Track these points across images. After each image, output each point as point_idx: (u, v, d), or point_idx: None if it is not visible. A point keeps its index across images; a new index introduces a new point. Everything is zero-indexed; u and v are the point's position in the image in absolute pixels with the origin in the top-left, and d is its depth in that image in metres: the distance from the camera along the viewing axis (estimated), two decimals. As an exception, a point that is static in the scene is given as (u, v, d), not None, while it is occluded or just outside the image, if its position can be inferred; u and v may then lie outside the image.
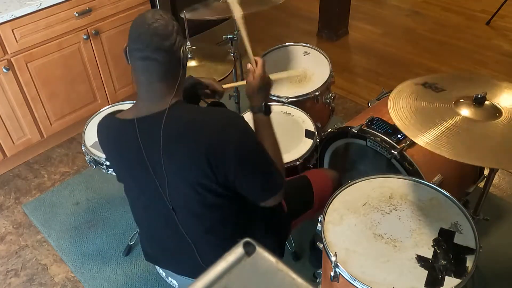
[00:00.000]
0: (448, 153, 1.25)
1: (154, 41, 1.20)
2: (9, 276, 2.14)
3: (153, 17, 1.22)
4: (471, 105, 1.41)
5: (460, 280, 1.22)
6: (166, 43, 1.21)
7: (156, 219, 1.37)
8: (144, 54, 1.21)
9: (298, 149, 1.89)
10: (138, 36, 1.21)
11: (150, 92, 1.25)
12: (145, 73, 1.24)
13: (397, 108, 1.44)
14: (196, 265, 1.37)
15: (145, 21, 1.21)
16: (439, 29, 3.85)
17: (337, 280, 1.29)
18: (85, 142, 1.97)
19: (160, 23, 1.21)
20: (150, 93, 1.25)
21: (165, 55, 1.22)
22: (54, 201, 2.48)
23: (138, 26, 1.22)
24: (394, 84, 1.60)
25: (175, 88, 1.26)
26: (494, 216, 2.19)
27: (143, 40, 1.20)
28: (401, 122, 1.39)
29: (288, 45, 2.44)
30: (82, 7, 2.53)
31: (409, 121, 1.38)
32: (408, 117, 1.40)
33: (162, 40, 1.20)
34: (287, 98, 2.12)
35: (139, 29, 1.21)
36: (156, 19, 1.21)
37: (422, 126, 1.35)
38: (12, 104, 2.47)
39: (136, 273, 2.10)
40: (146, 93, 1.26)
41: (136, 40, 1.21)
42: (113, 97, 2.90)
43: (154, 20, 1.21)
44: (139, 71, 1.24)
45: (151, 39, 1.20)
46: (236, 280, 0.50)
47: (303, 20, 4.08)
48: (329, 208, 1.46)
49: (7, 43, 2.34)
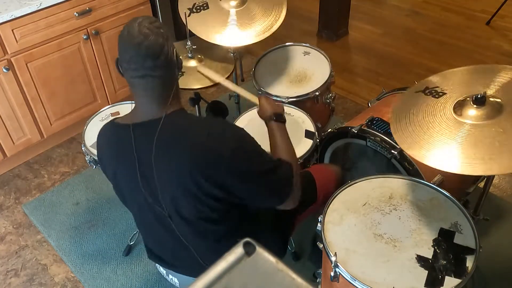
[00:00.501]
0: (456, 169, 1.25)
1: (148, 61, 1.15)
2: (9, 276, 2.14)
3: (140, 32, 1.14)
4: (472, 107, 1.38)
5: (460, 280, 1.22)
6: (160, 60, 1.17)
7: (154, 224, 1.36)
8: (141, 73, 1.18)
9: (298, 149, 1.88)
10: (130, 58, 1.16)
11: (148, 102, 1.24)
12: (143, 89, 1.22)
13: (400, 132, 1.42)
14: (197, 265, 1.37)
15: (133, 39, 1.14)
16: (439, 29, 3.85)
17: (337, 280, 1.29)
18: (85, 142, 1.97)
19: (150, 40, 1.14)
20: (148, 101, 1.24)
21: (162, 70, 1.19)
22: (54, 201, 2.48)
23: (127, 46, 1.16)
24: (394, 84, 1.60)
25: (171, 95, 1.24)
26: (494, 216, 2.19)
27: (136, 61, 1.16)
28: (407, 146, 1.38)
29: (288, 45, 2.44)
30: (82, 7, 2.53)
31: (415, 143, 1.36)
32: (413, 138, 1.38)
33: (156, 59, 1.16)
34: (287, 98, 2.12)
35: (129, 50, 1.15)
36: (145, 35, 1.14)
37: (428, 146, 1.33)
38: (12, 104, 2.47)
39: (136, 273, 2.10)
40: (144, 103, 1.25)
41: (129, 61, 1.17)
42: (113, 97, 2.90)
43: (143, 37, 1.14)
44: (137, 86, 1.22)
45: (144, 60, 1.15)
46: (236, 280, 0.50)
47: (303, 20, 4.08)
48: (329, 208, 1.46)
49: (7, 43, 2.34)
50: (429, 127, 1.38)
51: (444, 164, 1.27)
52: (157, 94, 1.22)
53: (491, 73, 1.55)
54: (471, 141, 1.30)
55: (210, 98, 3.02)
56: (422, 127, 1.39)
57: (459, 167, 1.25)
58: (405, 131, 1.41)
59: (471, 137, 1.31)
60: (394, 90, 2.15)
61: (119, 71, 1.25)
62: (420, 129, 1.39)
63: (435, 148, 1.31)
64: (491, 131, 1.31)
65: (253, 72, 2.30)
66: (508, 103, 1.38)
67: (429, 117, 1.42)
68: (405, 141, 1.38)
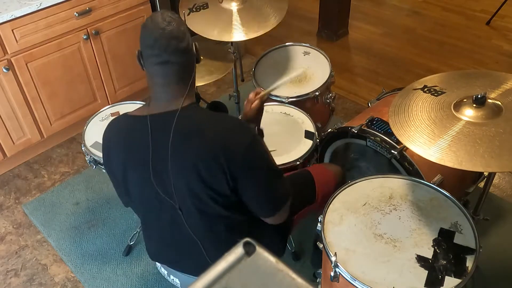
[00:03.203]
0: (453, 163, 1.25)
1: (172, 44, 1.20)
2: (9, 276, 2.14)
3: (164, 20, 1.21)
4: (471, 106, 1.39)
5: (460, 280, 1.22)
6: (183, 44, 1.22)
7: (162, 217, 1.37)
8: (164, 59, 1.21)
9: (297, 150, 1.89)
10: (155, 42, 1.20)
11: (166, 92, 1.26)
12: (164, 77, 1.24)
13: (398, 125, 1.43)
14: (202, 263, 1.38)
15: (158, 25, 1.20)
16: (439, 29, 3.85)
17: (337, 280, 1.29)
18: (85, 142, 1.97)
19: (173, 25, 1.21)
20: (166, 93, 1.26)
21: (183, 56, 1.23)
22: (54, 201, 2.48)
23: (151, 31, 1.21)
24: (394, 84, 1.61)
25: (188, 87, 1.27)
26: (494, 216, 2.19)
27: (161, 45, 1.19)
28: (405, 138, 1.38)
29: (288, 45, 2.44)
30: (82, 7, 2.53)
31: (413, 137, 1.37)
32: (412, 133, 1.39)
33: (179, 42, 1.21)
34: (287, 98, 2.12)
35: (154, 34, 1.20)
36: (169, 22, 1.21)
37: (427, 140, 1.34)
38: (12, 104, 2.47)
39: (136, 273, 2.10)
40: (162, 93, 1.27)
41: (153, 45, 1.20)
42: (113, 97, 2.90)
43: (166, 22, 1.20)
44: (158, 75, 1.25)
45: (168, 43, 1.19)
46: (236, 280, 0.50)
47: (303, 20, 4.08)
48: (329, 208, 1.46)
49: (7, 43, 2.34)
50: (430, 123, 1.39)
51: (444, 158, 1.27)
52: (175, 82, 1.25)
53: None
54: (471, 138, 1.31)
55: (210, 98, 3.02)
56: (422, 122, 1.40)
57: (459, 162, 1.25)
58: (404, 125, 1.42)
59: (471, 134, 1.32)
60: (394, 90, 2.15)
61: (140, 63, 1.28)
62: (420, 123, 1.40)
63: (434, 143, 1.32)
64: (491, 130, 1.32)
65: (253, 72, 2.30)
66: (507, 106, 1.39)
67: (428, 113, 1.43)
68: (404, 134, 1.39)
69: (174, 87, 1.26)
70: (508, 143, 1.27)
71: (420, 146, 1.33)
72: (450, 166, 1.25)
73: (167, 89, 1.26)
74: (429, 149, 1.31)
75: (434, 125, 1.38)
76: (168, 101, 1.26)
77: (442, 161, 1.27)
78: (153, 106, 1.29)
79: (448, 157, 1.27)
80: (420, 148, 1.32)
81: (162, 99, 1.27)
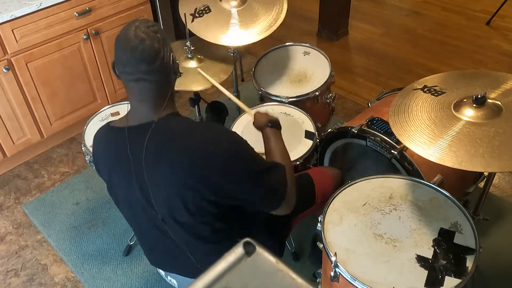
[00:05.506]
0: (453, 163, 1.25)
1: (142, 66, 1.16)
2: (9, 276, 2.14)
3: (136, 37, 1.14)
4: (471, 106, 1.39)
5: (460, 280, 1.22)
6: (156, 64, 1.17)
7: (149, 229, 1.36)
8: (137, 77, 1.18)
9: (297, 150, 1.89)
10: (127, 61, 1.16)
11: (142, 103, 1.23)
12: (139, 93, 1.22)
13: (398, 125, 1.43)
14: (193, 268, 1.37)
15: (129, 43, 1.14)
16: (439, 29, 3.85)
17: (337, 280, 1.29)
18: (85, 142, 1.97)
19: (146, 45, 1.14)
20: (142, 104, 1.23)
21: (157, 75, 1.19)
22: (54, 201, 2.48)
23: (123, 49, 1.16)
24: (394, 84, 1.61)
25: (166, 100, 1.24)
26: (494, 216, 2.19)
27: (132, 66, 1.16)
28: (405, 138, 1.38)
29: (288, 45, 2.44)
30: (82, 7, 2.53)
31: (413, 137, 1.37)
32: (412, 133, 1.39)
33: (151, 64, 1.16)
34: (287, 98, 2.12)
35: (125, 53, 1.16)
36: (141, 40, 1.14)
37: (427, 140, 1.34)
38: (12, 104, 2.47)
39: (136, 273, 2.10)
40: (138, 106, 1.24)
41: (125, 64, 1.17)
42: (113, 97, 2.90)
43: (138, 41, 1.14)
44: (133, 90, 1.22)
45: (138, 65, 1.15)
46: (236, 280, 0.50)
47: (303, 20, 4.08)
48: (329, 208, 1.46)
49: (7, 43, 2.34)
50: (430, 123, 1.39)
51: (444, 158, 1.27)
52: (151, 98, 1.22)
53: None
54: (471, 138, 1.31)
55: (210, 98, 3.02)
56: (422, 122, 1.40)
57: (459, 162, 1.25)
58: (404, 125, 1.42)
59: (471, 134, 1.32)
60: (394, 90, 2.15)
61: (115, 73, 1.24)
62: (420, 123, 1.40)
63: (434, 143, 1.32)
64: (491, 130, 1.32)
65: (253, 72, 2.30)
66: (507, 106, 1.39)
67: (428, 113, 1.43)
68: (404, 134, 1.39)
69: (149, 101, 1.22)
70: (508, 143, 1.27)
71: (420, 146, 1.33)
72: (450, 166, 1.25)
73: (143, 103, 1.23)
74: (429, 149, 1.31)
75: (434, 125, 1.38)
76: (145, 112, 1.23)
77: (442, 161, 1.27)
78: (131, 117, 1.26)
79: (448, 157, 1.27)
80: (420, 148, 1.32)
81: (139, 110, 1.24)
